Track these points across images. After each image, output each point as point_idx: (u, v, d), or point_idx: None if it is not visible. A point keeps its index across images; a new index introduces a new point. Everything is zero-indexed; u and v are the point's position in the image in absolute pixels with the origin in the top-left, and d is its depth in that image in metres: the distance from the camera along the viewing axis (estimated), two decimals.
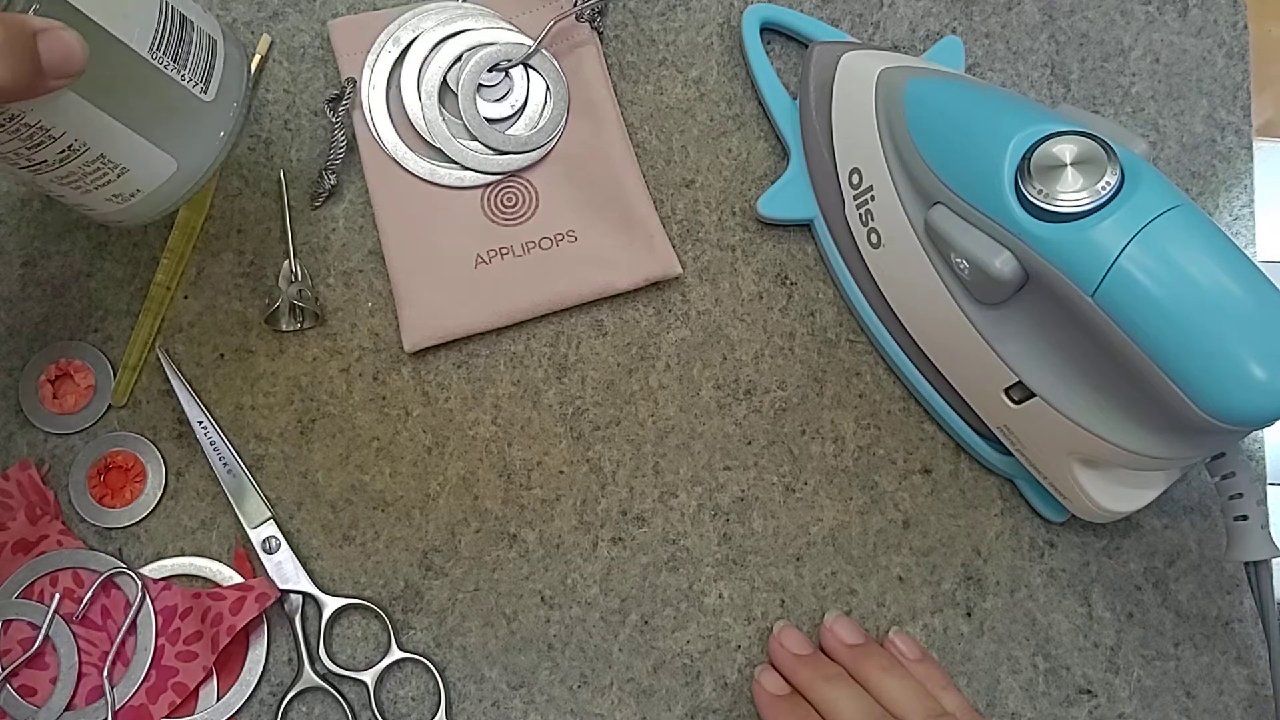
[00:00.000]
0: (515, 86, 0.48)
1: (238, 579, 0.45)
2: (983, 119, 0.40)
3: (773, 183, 0.49)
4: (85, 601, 0.44)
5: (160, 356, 0.46)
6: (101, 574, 0.44)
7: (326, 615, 0.45)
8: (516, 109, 0.48)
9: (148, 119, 0.37)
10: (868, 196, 0.45)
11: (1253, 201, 0.51)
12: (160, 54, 0.37)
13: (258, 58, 0.48)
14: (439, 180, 0.47)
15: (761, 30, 0.50)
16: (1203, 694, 0.47)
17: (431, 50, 0.48)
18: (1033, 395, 0.41)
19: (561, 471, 0.47)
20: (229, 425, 0.46)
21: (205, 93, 0.39)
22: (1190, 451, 0.39)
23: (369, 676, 0.45)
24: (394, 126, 0.48)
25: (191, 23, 0.38)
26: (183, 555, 0.46)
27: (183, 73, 0.38)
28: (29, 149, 0.35)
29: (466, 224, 0.47)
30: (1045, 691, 0.47)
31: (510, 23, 0.48)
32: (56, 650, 0.44)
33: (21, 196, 0.47)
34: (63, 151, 0.36)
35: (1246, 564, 0.42)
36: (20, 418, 0.46)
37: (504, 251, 0.47)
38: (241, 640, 0.45)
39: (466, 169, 0.48)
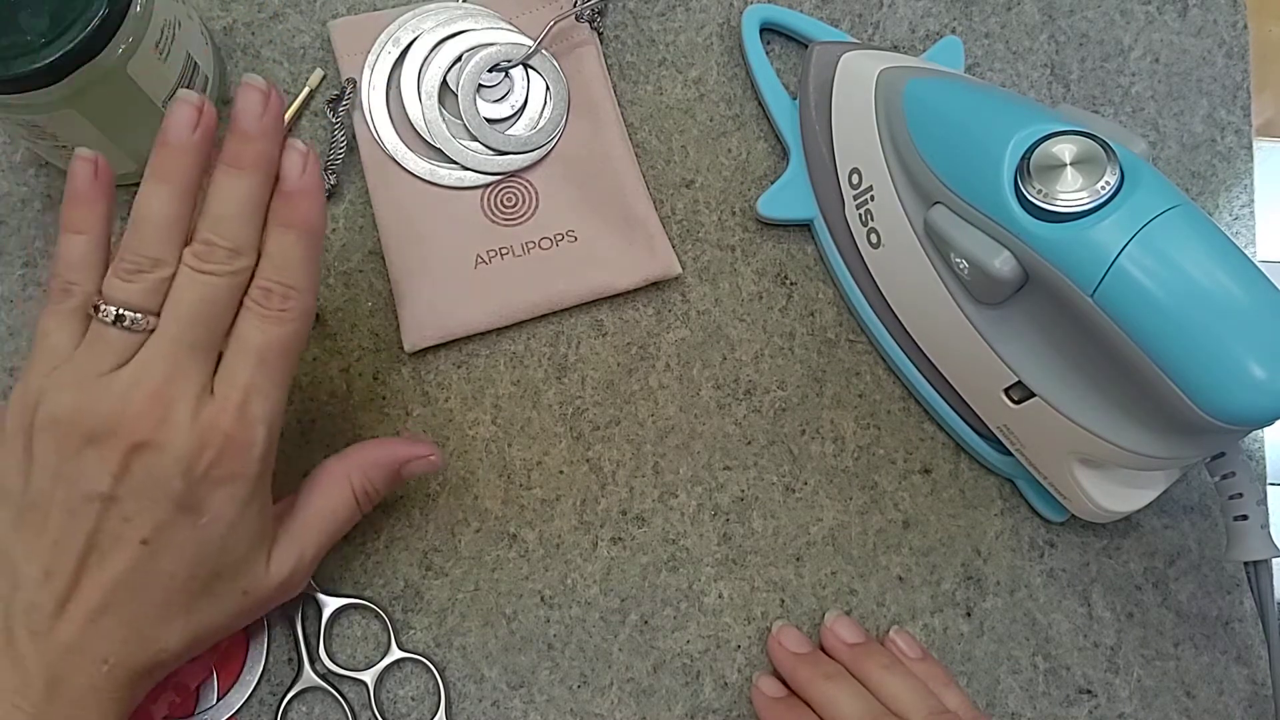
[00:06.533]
0: (515, 87, 0.48)
1: None
2: (982, 119, 0.40)
3: (772, 183, 0.49)
4: None
5: None
6: None
7: (326, 615, 0.45)
8: (516, 109, 0.48)
9: (132, 140, 0.44)
10: (867, 196, 0.45)
11: (1253, 201, 0.51)
12: (168, 100, 0.43)
13: (305, 93, 0.48)
14: (439, 180, 0.47)
15: (761, 30, 0.50)
16: (1203, 694, 0.47)
17: (431, 51, 0.48)
18: (1033, 395, 0.41)
19: (561, 471, 0.47)
20: None
21: None
22: (1190, 451, 0.39)
23: (369, 676, 0.45)
24: (394, 127, 0.48)
25: (198, 66, 0.45)
26: None
27: None
28: (34, 139, 0.43)
29: (466, 224, 0.47)
30: (1045, 691, 0.47)
31: (510, 23, 0.48)
32: None
33: (22, 197, 0.48)
34: (58, 145, 0.43)
35: (1246, 564, 0.42)
36: None
37: (504, 251, 0.47)
38: (241, 640, 0.45)
39: (466, 169, 0.48)
